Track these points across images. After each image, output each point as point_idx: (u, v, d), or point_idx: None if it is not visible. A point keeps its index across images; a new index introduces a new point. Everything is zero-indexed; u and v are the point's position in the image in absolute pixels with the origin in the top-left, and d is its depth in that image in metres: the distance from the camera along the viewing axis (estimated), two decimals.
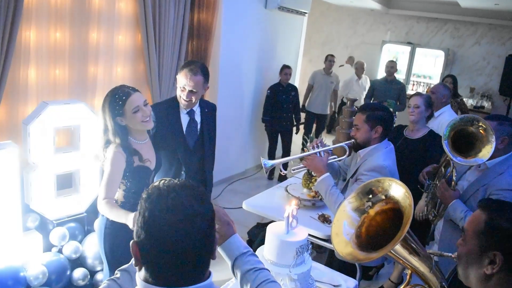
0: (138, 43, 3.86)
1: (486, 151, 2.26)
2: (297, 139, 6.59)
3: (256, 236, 3.82)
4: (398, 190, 1.66)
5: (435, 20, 8.84)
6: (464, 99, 7.36)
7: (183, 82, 2.67)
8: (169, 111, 2.80)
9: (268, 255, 1.90)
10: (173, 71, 4.13)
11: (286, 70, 5.94)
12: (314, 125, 6.97)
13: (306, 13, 6.79)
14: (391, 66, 6.45)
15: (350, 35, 9.86)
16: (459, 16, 8.35)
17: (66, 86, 3.31)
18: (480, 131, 2.30)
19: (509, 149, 2.37)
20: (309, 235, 2.56)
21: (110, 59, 3.62)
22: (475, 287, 1.28)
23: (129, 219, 2.12)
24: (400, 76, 8.45)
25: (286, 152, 6.27)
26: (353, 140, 2.64)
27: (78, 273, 3.02)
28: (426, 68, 8.93)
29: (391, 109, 3.78)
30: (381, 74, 8.40)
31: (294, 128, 6.30)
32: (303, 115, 6.66)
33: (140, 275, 1.07)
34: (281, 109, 5.97)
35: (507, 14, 7.44)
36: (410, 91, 8.36)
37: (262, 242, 2.07)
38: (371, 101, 6.57)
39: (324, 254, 3.91)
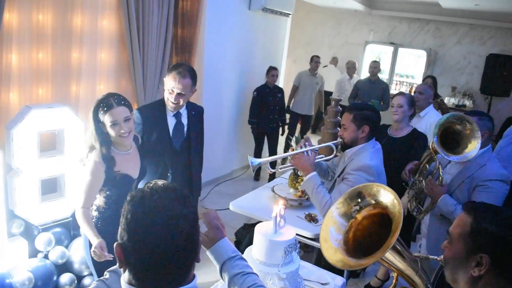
0: (123, 58, 3.84)
1: (473, 146, 2.34)
2: (282, 140, 6.62)
3: (244, 237, 3.82)
4: (386, 196, 1.66)
5: (417, 20, 8.96)
6: (445, 99, 7.49)
7: (172, 85, 2.68)
8: (156, 114, 2.80)
9: (257, 255, 1.91)
10: (156, 78, 4.11)
11: (273, 71, 5.92)
12: (299, 126, 7.00)
13: (290, 14, 6.82)
14: (375, 67, 6.51)
15: (333, 35, 9.93)
16: (440, 16, 8.46)
17: (49, 100, 3.28)
18: (466, 128, 2.36)
19: (488, 143, 2.48)
20: (297, 234, 2.58)
21: (93, 76, 3.59)
22: None
23: (94, 242, 2.20)
24: (383, 76, 8.54)
25: (272, 153, 6.26)
26: (340, 140, 2.65)
27: (65, 278, 2.99)
28: (408, 68, 9.02)
29: None
30: (364, 74, 8.47)
31: (280, 130, 6.31)
32: (287, 116, 6.67)
33: (124, 277, 1.07)
34: (268, 111, 5.95)
35: (487, 14, 7.58)
36: (393, 90, 8.44)
37: (249, 243, 2.08)
38: (355, 101, 6.63)
39: (311, 253, 3.93)
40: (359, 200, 1.74)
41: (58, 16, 3.20)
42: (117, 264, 1.07)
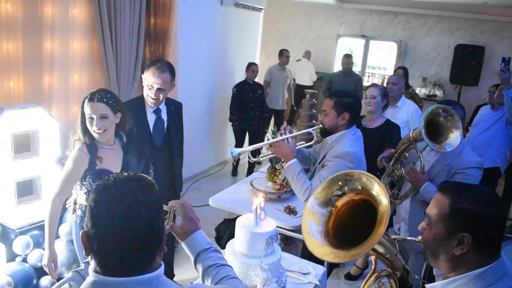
0: (95, 49, 3.78)
1: (454, 136, 2.41)
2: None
3: (224, 232, 3.85)
4: (371, 184, 1.63)
5: (387, 13, 9.10)
6: (416, 89, 7.63)
7: (151, 81, 2.69)
8: (136, 111, 2.81)
9: (239, 247, 1.94)
10: (131, 74, 4.07)
11: (253, 67, 5.85)
12: (272, 120, 6.98)
13: (262, 9, 6.84)
14: (347, 63, 6.55)
15: (306, 29, 10.00)
16: (409, 8, 8.62)
17: (21, 97, 3.22)
18: (448, 119, 2.44)
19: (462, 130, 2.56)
20: (277, 227, 2.61)
21: (66, 67, 3.52)
22: (445, 268, 1.34)
23: (45, 254, 2.32)
24: (355, 68, 8.63)
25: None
26: (320, 125, 2.67)
27: (45, 281, 2.95)
28: (380, 60, 9.15)
29: None
30: (337, 67, 8.56)
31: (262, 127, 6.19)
32: None
33: (91, 265, 1.09)
34: (248, 108, 5.84)
35: (454, 5, 7.75)
36: (365, 82, 8.55)
37: (230, 238, 2.10)
38: None
39: (292, 246, 3.98)
40: (341, 185, 1.71)
41: (27, 6, 3.13)
42: (84, 251, 1.09)
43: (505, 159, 4.49)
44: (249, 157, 2.72)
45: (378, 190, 1.57)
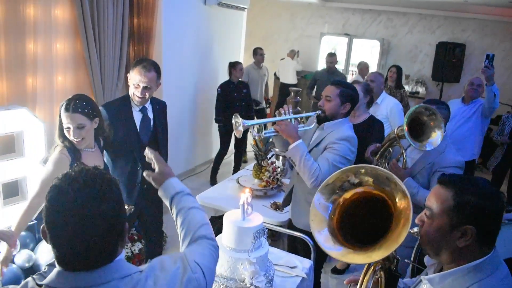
0: (79, 50, 3.75)
1: (436, 135, 2.47)
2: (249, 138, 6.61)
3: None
4: (388, 180, 1.50)
5: (369, 11, 9.19)
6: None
7: (137, 79, 2.71)
8: (122, 109, 2.83)
9: (227, 242, 1.97)
10: (115, 74, 4.06)
11: (240, 65, 5.80)
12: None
13: (245, 8, 6.86)
14: (331, 61, 6.58)
15: (289, 28, 10.05)
16: (391, 7, 8.73)
17: (4, 98, 3.19)
18: (432, 119, 2.50)
19: (444, 129, 2.61)
20: (264, 222, 2.64)
21: (50, 68, 3.50)
22: (445, 259, 1.35)
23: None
24: (339, 66, 8.70)
25: (240, 152, 6.18)
26: (319, 111, 2.68)
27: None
28: (363, 58, 9.19)
29: None
30: (321, 65, 8.62)
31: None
32: None
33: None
34: (233, 108, 5.67)
35: (435, 4, 7.87)
36: (349, 80, 8.63)
37: (217, 234, 2.12)
38: (313, 92, 6.77)
39: (279, 242, 4.02)
40: (355, 174, 1.59)
41: (9, 7, 3.09)
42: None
43: (480, 150, 4.71)
44: (252, 132, 2.71)
45: (396, 187, 1.47)
